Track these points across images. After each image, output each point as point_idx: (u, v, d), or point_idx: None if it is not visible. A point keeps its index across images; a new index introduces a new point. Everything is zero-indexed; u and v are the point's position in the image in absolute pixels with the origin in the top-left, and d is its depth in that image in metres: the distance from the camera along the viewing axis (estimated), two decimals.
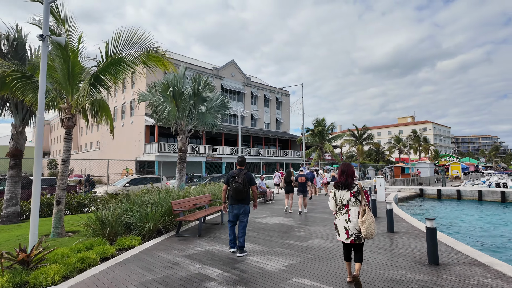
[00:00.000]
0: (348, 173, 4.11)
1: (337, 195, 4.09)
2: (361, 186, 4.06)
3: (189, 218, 6.77)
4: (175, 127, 12.92)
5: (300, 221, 8.92)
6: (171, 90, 11.11)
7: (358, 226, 3.84)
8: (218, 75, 39.11)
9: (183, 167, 12.71)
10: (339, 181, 4.11)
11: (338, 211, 4.07)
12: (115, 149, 38.52)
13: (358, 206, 3.93)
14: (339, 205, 4.07)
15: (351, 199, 3.96)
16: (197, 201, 8.28)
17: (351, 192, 3.97)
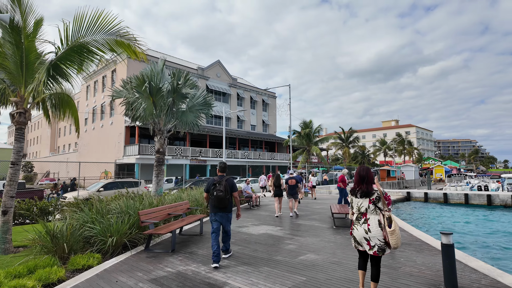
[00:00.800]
0: (369, 179, 3.68)
1: (355, 202, 3.72)
2: (382, 191, 3.61)
3: (159, 232, 5.74)
4: (152, 126, 11.81)
5: (290, 230, 8.03)
6: (146, 85, 10.03)
7: (381, 237, 3.47)
8: (203, 75, 38.00)
9: (161, 170, 11.61)
10: (358, 188, 3.69)
11: (356, 220, 3.68)
12: (94, 151, 36.68)
13: (377, 214, 3.56)
14: (356, 213, 3.70)
15: (370, 207, 3.58)
16: (172, 209, 7.24)
17: (370, 199, 3.59)
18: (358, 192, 3.67)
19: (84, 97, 40.84)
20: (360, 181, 3.70)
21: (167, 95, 10.71)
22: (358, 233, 3.60)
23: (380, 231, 3.48)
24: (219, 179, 5.27)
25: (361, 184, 3.67)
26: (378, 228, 3.49)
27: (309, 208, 13.02)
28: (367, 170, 3.76)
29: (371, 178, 3.68)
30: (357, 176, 3.76)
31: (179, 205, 7.63)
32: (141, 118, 11.26)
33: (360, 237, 3.59)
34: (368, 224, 3.54)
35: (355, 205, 3.71)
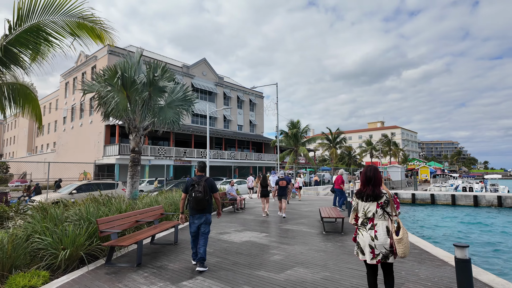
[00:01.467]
0: (376, 180, 3.33)
1: (360, 206, 3.39)
2: (390, 194, 3.31)
3: (121, 243, 4.86)
4: (127, 123, 10.85)
5: (276, 237, 7.28)
6: (119, 77, 9.07)
7: (387, 244, 3.19)
8: (189, 73, 36.93)
9: (136, 171, 10.65)
10: (364, 191, 3.34)
11: (361, 225, 3.35)
12: (73, 151, 35.00)
13: (385, 220, 3.26)
14: (362, 218, 3.35)
15: (378, 212, 3.27)
16: (143, 216, 6.35)
17: (378, 203, 3.27)
18: (365, 195, 3.32)
19: (63, 94, 39.01)
20: (366, 182, 3.35)
21: (143, 88, 9.78)
22: (363, 239, 3.28)
23: (388, 239, 3.19)
24: (197, 179, 5.02)
25: (368, 186, 3.33)
26: (386, 236, 3.20)
27: (296, 211, 12.32)
28: (374, 170, 3.39)
29: (379, 179, 3.33)
30: (363, 177, 3.39)
31: (151, 211, 6.75)
32: (113, 113, 10.29)
33: (364, 244, 3.27)
34: (375, 231, 3.23)
35: (361, 209, 3.37)
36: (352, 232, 7.84)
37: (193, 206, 4.94)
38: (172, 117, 11.15)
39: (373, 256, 3.21)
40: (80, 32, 5.93)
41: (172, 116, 11.13)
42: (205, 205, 4.93)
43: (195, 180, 5.01)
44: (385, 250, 3.18)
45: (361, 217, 3.38)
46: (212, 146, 38.32)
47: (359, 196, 3.38)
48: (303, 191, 24.18)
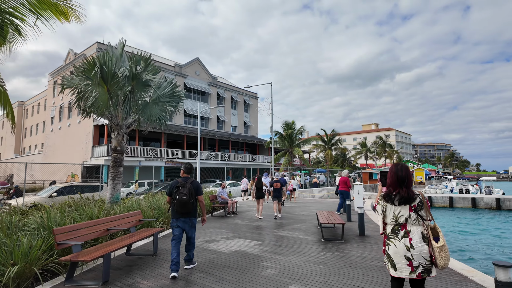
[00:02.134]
0: (409, 181, 2.92)
1: (389, 210, 2.93)
2: (424, 196, 2.91)
3: (84, 258, 4.02)
4: (109, 121, 10.01)
5: (269, 246, 6.50)
6: (97, 69, 8.24)
7: (426, 254, 2.76)
8: (181, 73, 36.05)
9: (118, 173, 9.80)
10: (396, 193, 2.88)
11: (391, 234, 2.90)
12: (60, 152, 33.85)
13: (420, 225, 2.85)
14: (392, 224, 2.91)
15: (411, 216, 2.85)
16: (116, 223, 5.52)
17: (410, 207, 2.86)
18: (396, 197, 2.87)
19: (51, 94, 37.82)
20: (398, 183, 2.89)
21: (125, 82, 8.95)
22: (397, 250, 2.79)
23: (426, 247, 2.76)
24: (183, 181, 4.82)
25: (400, 188, 2.87)
26: (423, 243, 2.77)
27: (292, 215, 11.57)
28: (406, 169, 2.97)
29: (411, 179, 2.93)
30: (393, 177, 2.93)
31: (127, 217, 5.92)
32: (93, 110, 9.44)
33: (399, 256, 2.78)
34: (410, 238, 2.80)
35: (390, 214, 2.92)
36: (354, 239, 7.10)
37: (178, 209, 4.71)
38: (158, 115, 10.33)
39: (412, 269, 2.73)
40: (42, 10, 5.12)
41: (158, 114, 10.30)
42: (190, 208, 4.71)
43: (180, 182, 4.80)
44: (424, 260, 2.73)
45: (390, 223, 2.92)
46: (205, 147, 37.45)
47: (388, 199, 2.92)
48: (298, 193, 23.46)
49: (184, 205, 4.65)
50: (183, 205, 4.64)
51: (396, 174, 2.93)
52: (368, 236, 7.42)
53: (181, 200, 4.63)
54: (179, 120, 35.77)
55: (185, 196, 4.64)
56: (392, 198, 2.90)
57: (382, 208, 2.97)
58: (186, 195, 4.64)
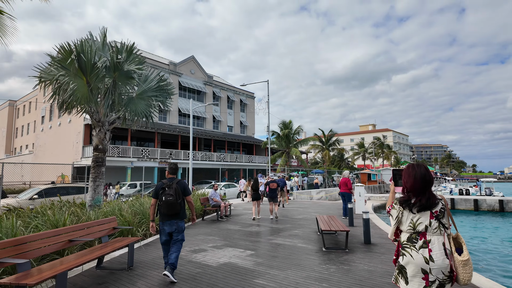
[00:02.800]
0: (431, 184, 2.45)
1: (406, 217, 2.50)
2: (446, 201, 2.49)
3: (26, 281, 3.18)
4: (90, 116, 9.17)
5: (263, 257, 5.71)
6: (73, 58, 7.40)
7: (447, 268, 2.34)
8: (176, 71, 35.19)
9: (99, 173, 8.95)
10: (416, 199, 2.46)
11: (407, 242, 2.47)
12: (51, 153, 32.86)
13: (441, 234, 2.42)
14: (410, 232, 2.48)
15: (432, 224, 2.42)
16: (83, 232, 4.68)
17: (432, 213, 2.43)
18: (417, 204, 2.50)
19: (42, 92, 36.77)
20: (421, 187, 2.47)
21: (105, 73, 8.12)
22: (414, 262, 2.43)
23: (447, 261, 2.41)
24: (169, 182, 4.63)
25: (422, 193, 2.48)
26: (444, 256, 2.42)
27: (289, 219, 10.78)
28: (425, 169, 2.53)
29: (431, 180, 2.52)
30: (411, 179, 2.50)
31: (98, 224, 5.08)
32: (71, 104, 8.59)
33: (415, 268, 2.42)
34: (429, 249, 2.45)
35: (407, 221, 2.56)
36: (359, 248, 6.33)
37: (164, 212, 4.51)
38: (144, 110, 9.50)
39: (427, 284, 2.39)
40: None
41: (144, 109, 9.48)
42: (177, 209, 4.51)
43: (166, 183, 4.60)
44: (442, 275, 2.40)
45: (406, 231, 2.55)
46: (201, 147, 36.61)
47: (406, 205, 2.53)
48: (295, 195, 22.70)
49: (171, 207, 4.44)
50: (169, 207, 4.44)
51: (417, 177, 2.51)
52: (375, 245, 6.65)
53: (167, 201, 4.43)
54: (174, 119, 34.90)
55: (172, 197, 4.44)
56: (413, 205, 2.52)
57: (398, 214, 2.58)
58: (173, 195, 4.45)
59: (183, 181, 4.72)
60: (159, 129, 29.53)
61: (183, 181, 4.71)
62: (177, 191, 4.51)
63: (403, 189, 2.61)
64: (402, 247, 2.54)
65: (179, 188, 4.55)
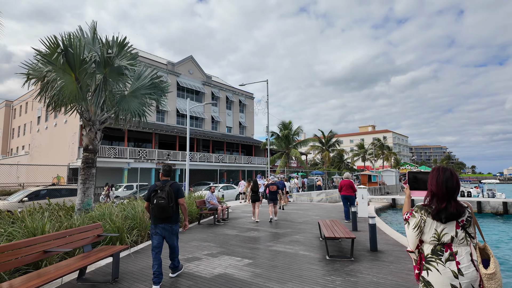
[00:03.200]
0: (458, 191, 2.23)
1: (430, 226, 2.25)
2: (472, 208, 2.29)
3: None
4: (80, 115, 8.71)
5: (262, 267, 5.25)
6: (61, 52, 6.95)
7: (476, 281, 2.14)
8: (174, 71, 34.75)
9: (89, 175, 8.49)
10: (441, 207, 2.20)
11: (432, 255, 2.23)
12: (46, 154, 32.35)
13: (467, 245, 2.21)
14: (434, 244, 2.24)
15: (459, 234, 2.20)
16: (59, 242, 4.20)
17: (458, 223, 2.21)
18: (443, 212, 2.22)
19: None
20: (446, 193, 2.22)
21: (95, 69, 7.66)
22: (441, 277, 2.17)
23: (476, 272, 2.15)
24: (161, 184, 4.51)
25: (449, 202, 2.22)
26: (473, 268, 2.16)
27: (289, 223, 10.32)
28: (456, 176, 2.28)
29: (458, 185, 2.25)
30: (433, 184, 2.27)
31: (79, 232, 4.62)
32: (59, 102, 8.13)
33: (444, 284, 2.15)
34: (457, 262, 2.18)
35: (431, 231, 2.28)
36: (365, 256, 5.87)
37: (156, 215, 4.38)
38: (137, 109, 9.05)
39: None
40: None
41: (136, 108, 9.03)
42: (169, 213, 4.36)
43: (159, 186, 4.47)
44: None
45: (430, 242, 2.31)
46: (199, 148, 36.14)
47: (430, 213, 2.29)
48: (295, 197, 22.24)
49: (162, 210, 4.32)
50: (161, 210, 4.32)
51: (439, 182, 2.27)
52: (382, 252, 6.19)
53: (159, 204, 4.30)
54: (172, 120, 34.45)
55: (163, 200, 4.30)
56: (438, 213, 2.26)
57: (419, 223, 2.30)
58: (165, 198, 4.31)
59: (177, 184, 4.58)
60: (156, 129, 29.07)
61: (176, 184, 4.56)
62: (170, 194, 4.37)
63: (426, 194, 2.38)
64: (426, 260, 2.29)
65: (171, 190, 4.41)
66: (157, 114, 33.46)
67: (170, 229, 4.45)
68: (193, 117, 36.75)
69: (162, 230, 4.41)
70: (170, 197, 4.36)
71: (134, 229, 7.12)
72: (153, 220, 4.45)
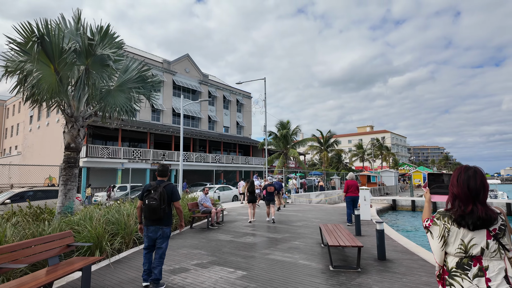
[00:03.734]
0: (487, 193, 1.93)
1: (455, 235, 1.93)
2: (505, 214, 1.97)
3: None
4: (61, 111, 8.05)
5: (257, 280, 4.62)
6: (36, 40, 6.29)
7: None
8: (170, 69, 34.06)
9: (71, 176, 7.82)
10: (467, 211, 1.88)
11: (457, 269, 1.92)
12: (38, 154, 31.58)
13: (501, 259, 1.88)
14: (460, 256, 1.93)
15: (490, 246, 1.88)
16: (14, 255, 3.55)
17: (489, 232, 1.89)
18: (470, 217, 1.87)
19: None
20: (470, 194, 1.90)
21: (76, 58, 6.99)
22: None
23: None
24: (156, 184, 4.38)
25: (475, 205, 1.88)
26: (507, 286, 1.82)
27: (288, 226, 9.68)
28: (482, 176, 1.94)
29: (487, 186, 1.92)
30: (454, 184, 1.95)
31: (44, 242, 3.96)
32: (38, 96, 7.46)
33: None
34: (487, 279, 1.84)
35: (457, 241, 1.91)
36: (373, 266, 5.25)
37: (147, 216, 4.29)
38: (124, 104, 8.39)
39: None
40: None
41: (124, 103, 8.38)
42: (160, 215, 4.24)
43: (153, 186, 4.37)
44: None
45: (456, 254, 1.95)
46: (196, 148, 35.46)
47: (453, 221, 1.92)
48: (294, 198, 21.62)
49: (153, 211, 4.19)
50: (152, 211, 4.20)
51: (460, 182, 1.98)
52: (391, 261, 5.57)
53: (150, 205, 4.19)
54: (167, 119, 33.76)
55: (155, 201, 4.18)
56: (465, 219, 1.95)
57: (443, 231, 1.98)
58: (156, 199, 4.19)
59: (172, 185, 4.44)
60: (151, 129, 28.39)
61: (171, 185, 4.43)
62: (162, 195, 4.24)
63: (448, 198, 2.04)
64: (449, 274, 2.00)
65: (165, 192, 4.27)
66: (152, 113, 32.77)
67: (161, 231, 4.33)
68: (189, 117, 36.09)
69: (153, 232, 4.32)
70: (162, 199, 4.23)
71: (117, 235, 6.46)
72: (145, 221, 4.39)
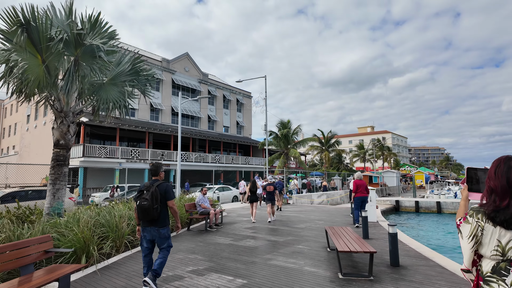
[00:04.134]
0: None
1: (490, 235, 1.71)
2: None
3: None
4: (50, 106, 7.58)
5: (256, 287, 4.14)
6: (20, 25, 5.82)
7: None
8: (169, 68, 33.59)
9: (60, 175, 7.35)
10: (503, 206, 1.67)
11: (492, 274, 1.70)
12: (35, 153, 31.13)
13: None
14: (496, 259, 1.69)
15: None
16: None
17: None
18: (504, 213, 1.67)
19: None
20: (508, 188, 1.71)
21: (64, 49, 6.52)
22: None
23: None
24: (149, 184, 4.23)
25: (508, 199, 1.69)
26: None
27: (290, 228, 9.19)
28: None
29: None
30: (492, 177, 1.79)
31: (18, 247, 3.48)
32: (24, 89, 6.98)
33: None
34: None
35: (493, 242, 1.70)
36: (386, 273, 4.76)
37: (140, 217, 4.17)
38: (117, 98, 7.91)
39: None
40: None
41: (116, 97, 7.90)
42: (153, 215, 4.08)
43: (146, 186, 4.26)
44: None
45: (491, 257, 1.71)
46: (195, 148, 34.98)
47: (489, 217, 1.70)
48: (295, 199, 21.14)
49: (145, 212, 4.05)
50: (144, 212, 4.07)
51: (499, 174, 1.75)
52: (405, 268, 5.09)
53: (141, 206, 4.06)
54: (166, 119, 33.30)
55: (146, 201, 4.05)
56: (496, 215, 1.69)
57: (476, 231, 1.72)
58: (148, 200, 4.05)
59: (165, 184, 4.27)
60: (150, 128, 27.92)
61: (164, 184, 4.27)
62: (154, 195, 4.09)
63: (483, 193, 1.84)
64: (484, 280, 1.81)
65: (157, 191, 4.13)
66: (151, 112, 32.32)
67: (158, 232, 4.16)
68: (189, 116, 35.63)
69: (150, 233, 4.19)
70: (154, 199, 4.08)
71: (107, 238, 5.98)
72: (142, 222, 4.26)
